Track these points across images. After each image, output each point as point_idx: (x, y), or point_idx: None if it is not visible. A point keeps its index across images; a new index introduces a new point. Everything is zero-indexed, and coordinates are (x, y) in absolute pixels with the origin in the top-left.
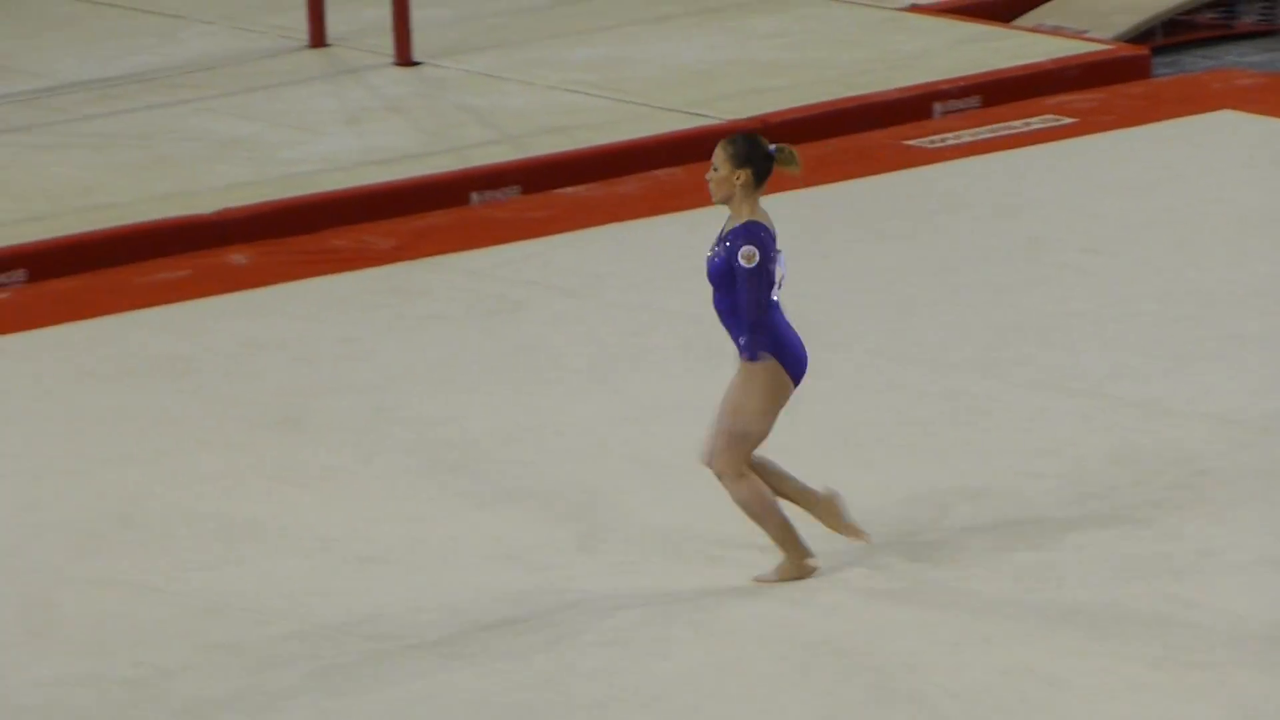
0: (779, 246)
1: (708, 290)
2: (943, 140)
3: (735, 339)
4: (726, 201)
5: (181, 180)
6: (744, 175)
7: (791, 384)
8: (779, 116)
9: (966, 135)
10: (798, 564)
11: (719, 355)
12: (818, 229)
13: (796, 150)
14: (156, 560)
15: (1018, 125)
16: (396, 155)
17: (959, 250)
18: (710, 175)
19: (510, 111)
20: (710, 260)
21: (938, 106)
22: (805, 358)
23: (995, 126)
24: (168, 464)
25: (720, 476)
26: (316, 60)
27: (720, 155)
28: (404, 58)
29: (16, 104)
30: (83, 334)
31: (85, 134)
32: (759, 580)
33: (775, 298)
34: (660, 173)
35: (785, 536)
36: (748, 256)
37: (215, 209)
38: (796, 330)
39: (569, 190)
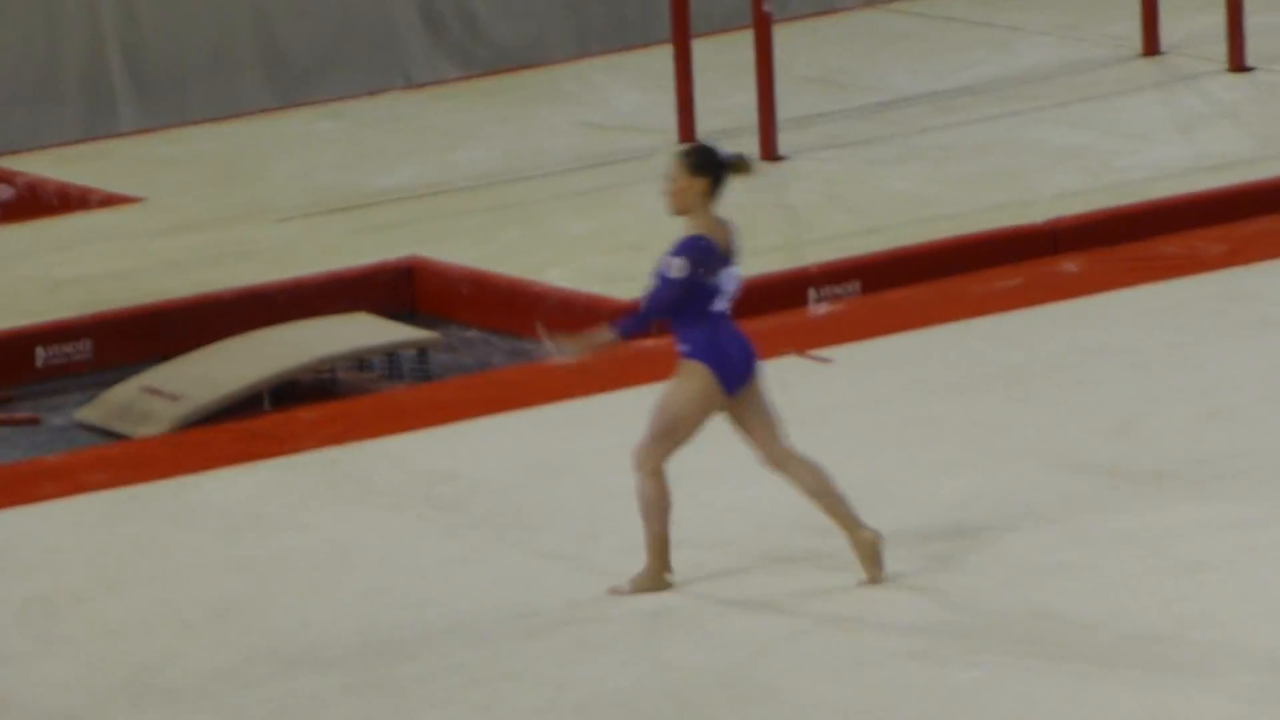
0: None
1: None
2: None
3: (677, 341)
4: (685, 213)
5: (1015, 190)
6: (701, 184)
7: (723, 393)
8: None
9: None
10: (657, 576)
11: None
12: None
13: (748, 156)
14: (994, 565)
15: None
16: (1228, 161)
17: None
18: (666, 187)
19: None
20: (659, 262)
21: None
22: (743, 372)
23: None
24: (1001, 471)
25: (638, 468)
26: (1149, 69)
27: (677, 166)
28: (1237, 64)
29: (855, 119)
30: (916, 343)
31: (922, 147)
32: (614, 591)
33: (721, 307)
34: None
35: (661, 548)
36: (678, 267)
37: (1047, 218)
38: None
39: None
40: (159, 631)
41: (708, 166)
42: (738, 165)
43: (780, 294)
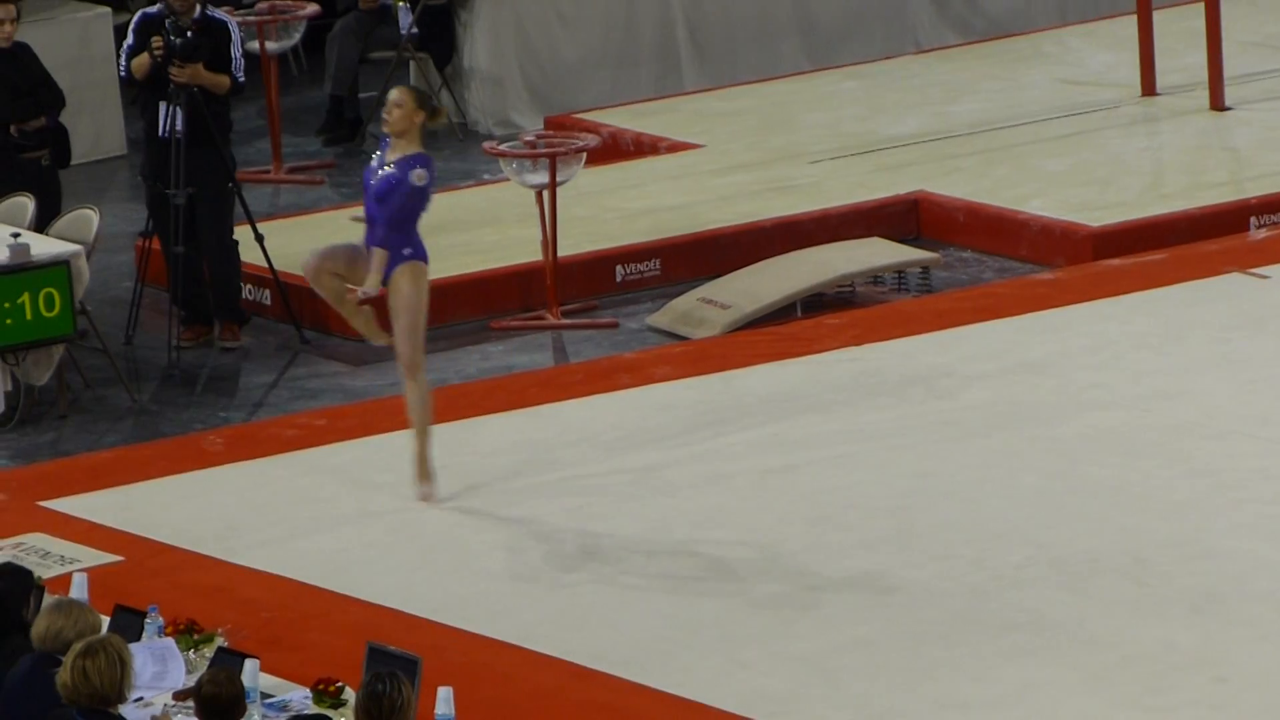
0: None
1: None
2: None
3: (398, 248)
4: (403, 134)
5: None
6: (422, 117)
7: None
8: None
9: None
10: (428, 462)
11: None
12: None
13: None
14: None
15: None
16: None
17: None
18: (392, 110)
19: None
20: (383, 178)
21: None
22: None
23: None
24: None
25: (412, 374)
26: None
27: (405, 95)
28: None
29: None
30: None
31: None
32: (425, 497)
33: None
34: None
35: (429, 439)
36: (422, 177)
37: None
38: None
39: None
40: (708, 493)
41: (428, 105)
42: (436, 112)
43: (1226, 221)
